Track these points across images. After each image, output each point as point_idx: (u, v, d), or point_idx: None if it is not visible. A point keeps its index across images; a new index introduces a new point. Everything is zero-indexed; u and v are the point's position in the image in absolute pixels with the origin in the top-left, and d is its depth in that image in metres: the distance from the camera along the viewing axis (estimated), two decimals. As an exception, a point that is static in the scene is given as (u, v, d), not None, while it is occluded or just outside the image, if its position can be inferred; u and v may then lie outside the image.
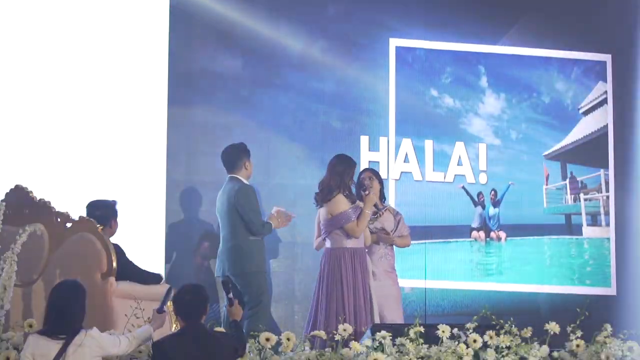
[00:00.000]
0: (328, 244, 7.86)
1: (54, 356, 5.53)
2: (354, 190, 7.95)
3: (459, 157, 10.05)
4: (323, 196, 7.82)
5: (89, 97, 9.25)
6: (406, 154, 9.90)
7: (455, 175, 10.04)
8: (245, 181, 8.17)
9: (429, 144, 9.98)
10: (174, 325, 6.99)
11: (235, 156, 8.21)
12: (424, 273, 9.31)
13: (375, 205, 8.01)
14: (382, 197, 8.28)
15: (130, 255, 7.45)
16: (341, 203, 7.76)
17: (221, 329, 6.48)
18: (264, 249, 8.20)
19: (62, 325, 5.58)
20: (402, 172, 9.41)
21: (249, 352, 6.37)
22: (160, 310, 6.10)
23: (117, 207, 7.53)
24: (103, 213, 7.38)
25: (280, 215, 8.26)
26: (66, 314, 5.59)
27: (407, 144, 9.91)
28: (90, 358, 5.61)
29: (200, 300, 5.83)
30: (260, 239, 8.15)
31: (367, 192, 7.87)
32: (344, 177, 7.79)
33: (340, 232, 7.78)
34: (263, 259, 8.18)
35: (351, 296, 7.66)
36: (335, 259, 7.75)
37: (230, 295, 6.21)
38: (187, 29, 9.38)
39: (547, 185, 10.26)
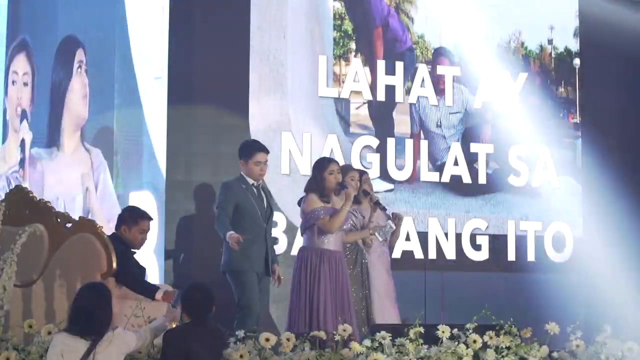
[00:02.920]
0: (303, 242, 7.98)
1: (82, 354, 5.54)
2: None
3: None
4: (301, 197, 8.01)
5: (89, 97, 9.26)
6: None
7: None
8: (244, 176, 8.02)
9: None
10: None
11: (238, 153, 8.16)
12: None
13: (376, 202, 8.31)
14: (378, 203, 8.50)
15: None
16: (313, 202, 7.87)
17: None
18: (254, 247, 7.88)
19: (91, 328, 5.58)
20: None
21: (249, 352, 6.38)
22: (174, 304, 6.23)
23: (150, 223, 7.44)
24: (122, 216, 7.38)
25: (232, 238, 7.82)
26: (95, 317, 5.58)
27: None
28: (117, 356, 5.65)
29: (208, 300, 6.05)
30: (252, 236, 7.84)
31: (346, 189, 7.95)
32: (316, 178, 7.92)
33: (312, 232, 7.87)
34: (252, 258, 7.88)
35: (322, 296, 7.73)
36: (303, 259, 7.85)
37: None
38: (187, 29, 9.38)
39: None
